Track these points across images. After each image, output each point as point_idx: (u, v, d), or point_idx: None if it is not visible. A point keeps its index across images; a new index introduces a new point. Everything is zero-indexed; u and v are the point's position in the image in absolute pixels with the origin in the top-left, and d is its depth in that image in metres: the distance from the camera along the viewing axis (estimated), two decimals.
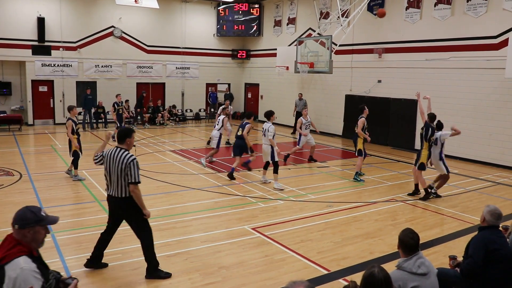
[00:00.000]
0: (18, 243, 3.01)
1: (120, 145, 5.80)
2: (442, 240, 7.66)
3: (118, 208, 5.86)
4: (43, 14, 20.84)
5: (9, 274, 2.85)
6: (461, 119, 15.06)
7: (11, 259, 2.91)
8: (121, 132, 5.88)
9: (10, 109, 21.05)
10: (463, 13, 14.96)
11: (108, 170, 5.78)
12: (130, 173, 5.61)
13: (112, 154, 5.75)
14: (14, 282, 2.83)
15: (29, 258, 3.02)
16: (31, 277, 2.91)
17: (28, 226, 3.05)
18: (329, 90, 20.71)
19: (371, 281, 3.40)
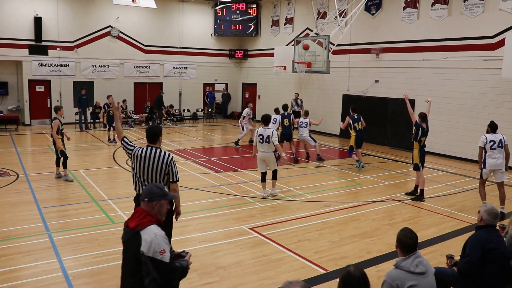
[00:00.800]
0: (147, 214, 3.59)
1: (153, 144, 5.52)
2: (439, 240, 7.68)
3: None
4: (40, 14, 20.79)
5: (145, 238, 3.40)
6: (458, 118, 15.12)
7: (145, 226, 3.48)
8: (153, 130, 5.62)
9: (7, 109, 21.00)
10: (460, 13, 15.00)
11: (142, 169, 5.43)
12: (172, 172, 5.43)
13: (148, 154, 5.43)
14: (149, 244, 3.37)
15: (159, 227, 3.55)
16: (162, 241, 3.45)
17: (155, 199, 3.62)
18: (326, 90, 20.72)
19: (349, 280, 3.40)
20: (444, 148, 15.69)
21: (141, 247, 3.39)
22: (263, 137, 9.67)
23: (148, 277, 3.39)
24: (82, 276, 5.95)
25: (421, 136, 10.02)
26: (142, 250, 3.38)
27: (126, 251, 3.61)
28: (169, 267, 3.47)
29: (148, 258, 3.37)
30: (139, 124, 22.70)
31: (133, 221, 3.57)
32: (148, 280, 3.39)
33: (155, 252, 3.38)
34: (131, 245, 3.48)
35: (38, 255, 6.56)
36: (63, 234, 7.44)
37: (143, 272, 3.40)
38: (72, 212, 8.65)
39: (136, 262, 3.42)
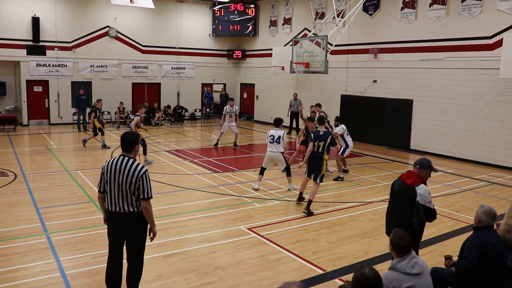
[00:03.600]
0: (418, 176, 5.30)
1: (127, 153, 4.97)
2: (437, 240, 7.70)
3: (124, 225, 4.96)
4: (37, 14, 20.76)
5: (419, 192, 5.17)
6: (456, 119, 15.14)
7: (418, 184, 5.22)
8: (129, 138, 5.02)
9: (5, 109, 20.95)
10: (458, 14, 15.03)
11: (110, 182, 4.90)
12: (143, 188, 4.82)
13: (117, 164, 4.90)
14: (422, 195, 5.16)
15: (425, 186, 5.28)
16: (429, 195, 5.25)
17: (423, 167, 5.36)
18: (324, 90, 20.73)
19: (364, 281, 3.42)
20: (441, 149, 15.71)
21: (417, 197, 5.15)
22: (274, 137, 10.53)
23: (416, 217, 5.19)
24: (80, 277, 5.95)
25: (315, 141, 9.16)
26: (418, 200, 5.16)
27: (399, 197, 5.36)
28: (434, 211, 5.27)
29: (421, 205, 5.16)
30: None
31: (409, 179, 5.28)
32: (415, 219, 5.19)
33: (425, 201, 5.17)
34: (407, 194, 5.24)
35: (36, 256, 6.55)
36: (61, 235, 7.44)
37: (413, 213, 5.18)
38: (70, 212, 8.64)
39: (410, 206, 5.18)
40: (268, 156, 10.69)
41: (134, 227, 4.99)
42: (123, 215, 4.93)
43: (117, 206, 4.92)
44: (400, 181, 5.41)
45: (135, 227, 5.00)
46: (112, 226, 5.08)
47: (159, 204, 9.33)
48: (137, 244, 5.13)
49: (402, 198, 5.29)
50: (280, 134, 10.50)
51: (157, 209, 8.85)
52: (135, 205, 4.91)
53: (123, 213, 4.92)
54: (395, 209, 5.41)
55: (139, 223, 5.00)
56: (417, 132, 16.57)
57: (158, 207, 9.08)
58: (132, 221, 4.95)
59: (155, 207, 8.88)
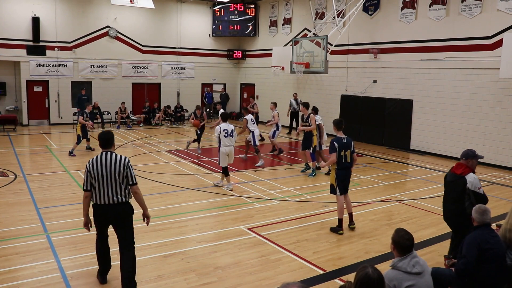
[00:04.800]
0: (466, 167, 5.96)
1: (108, 149, 5.47)
2: (437, 240, 7.69)
3: (114, 216, 5.41)
4: (37, 14, 20.76)
5: (468, 179, 5.85)
6: (456, 119, 15.14)
7: (467, 173, 5.90)
8: (107, 136, 5.53)
9: (5, 109, 20.95)
10: (458, 14, 15.02)
11: (99, 177, 5.29)
12: (130, 175, 5.36)
13: (101, 160, 5.34)
14: (472, 183, 5.80)
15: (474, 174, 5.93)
16: (479, 182, 5.86)
17: (469, 158, 6.00)
18: (324, 90, 20.74)
19: (367, 282, 3.42)
20: (441, 148, 15.71)
21: (467, 184, 5.84)
22: (228, 131, 10.51)
23: (467, 202, 5.82)
24: (80, 277, 5.95)
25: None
26: (468, 186, 5.83)
27: (451, 187, 6.08)
28: (484, 196, 5.87)
29: (471, 191, 5.82)
30: (137, 125, 22.69)
31: (458, 170, 6.01)
32: (467, 203, 5.79)
33: (475, 187, 5.82)
34: (458, 183, 5.93)
35: (36, 256, 6.55)
36: (61, 235, 7.43)
37: (465, 199, 5.84)
38: (70, 212, 8.63)
39: (461, 193, 5.88)
40: (225, 152, 10.54)
41: (126, 216, 5.47)
42: (113, 206, 5.36)
43: (108, 198, 5.34)
44: (451, 173, 6.13)
45: (126, 215, 5.48)
46: (102, 218, 5.49)
47: (159, 204, 9.33)
48: (129, 232, 5.54)
49: (454, 187, 6.01)
50: (232, 128, 10.64)
51: (157, 209, 8.89)
52: (123, 195, 5.38)
53: (114, 204, 5.35)
54: (449, 198, 6.14)
55: (129, 212, 5.50)
56: (417, 132, 16.57)
57: (158, 207, 9.09)
58: (123, 211, 5.43)
59: (155, 207, 8.94)
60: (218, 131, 10.48)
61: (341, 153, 7.75)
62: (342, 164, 7.80)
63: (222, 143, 10.51)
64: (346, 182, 8.01)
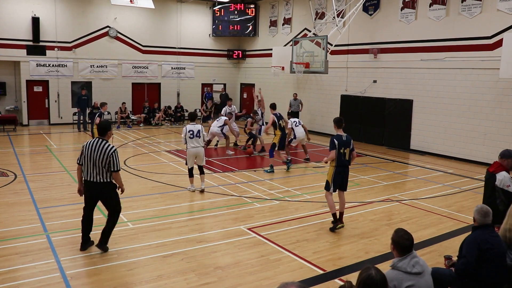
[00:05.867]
0: (500, 165, 6.33)
1: (102, 136, 6.51)
2: (437, 240, 7.69)
3: (97, 192, 6.52)
4: (37, 14, 20.76)
5: (498, 177, 6.22)
6: (456, 119, 15.14)
7: (498, 172, 6.26)
8: (102, 125, 6.63)
9: (5, 109, 20.94)
10: (458, 14, 15.02)
11: (87, 158, 6.38)
12: (113, 163, 6.34)
13: (93, 144, 6.40)
14: (501, 180, 6.19)
15: (507, 173, 6.26)
16: (508, 180, 6.20)
17: (504, 157, 6.38)
18: (324, 90, 20.74)
19: (370, 283, 3.42)
20: (441, 149, 15.71)
21: (496, 182, 6.22)
22: (193, 132, 10.18)
23: (498, 199, 6.19)
24: (80, 277, 5.95)
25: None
26: (496, 184, 6.22)
27: (485, 184, 6.59)
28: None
29: (499, 188, 6.19)
30: (137, 125, 22.70)
31: (491, 168, 6.40)
32: (498, 201, 6.16)
33: (504, 185, 6.17)
34: (489, 181, 6.37)
35: (36, 256, 6.54)
36: (61, 235, 7.43)
37: (496, 196, 6.22)
38: (70, 212, 8.62)
39: (492, 190, 6.27)
40: (191, 153, 10.18)
41: (106, 193, 6.56)
42: (96, 184, 6.43)
43: (91, 176, 6.43)
44: (487, 171, 6.58)
45: (106, 192, 6.55)
46: (87, 192, 6.59)
47: (158, 204, 9.33)
48: (112, 203, 6.66)
49: (487, 184, 6.52)
50: (199, 128, 10.18)
51: (157, 209, 8.89)
52: (105, 176, 6.41)
53: (96, 182, 6.42)
54: (484, 195, 6.66)
55: (109, 189, 6.53)
56: (417, 132, 16.57)
57: (158, 207, 9.09)
58: (103, 188, 6.48)
59: (154, 207, 8.95)
60: (184, 132, 10.17)
61: (340, 150, 7.80)
62: (341, 161, 7.85)
63: (188, 145, 10.18)
64: (344, 180, 8.03)
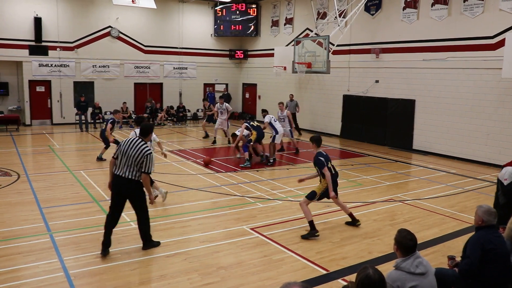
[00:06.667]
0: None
1: (143, 137, 6.67)
2: (440, 240, 7.68)
3: (124, 188, 6.50)
4: (40, 14, 20.79)
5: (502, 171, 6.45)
6: (459, 119, 15.12)
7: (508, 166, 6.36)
8: (146, 127, 6.78)
9: (7, 110, 20.99)
10: (460, 14, 15.00)
11: (123, 152, 6.50)
12: (146, 164, 6.45)
13: (132, 142, 6.56)
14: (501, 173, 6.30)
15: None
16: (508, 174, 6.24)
17: None
18: (326, 90, 20.73)
19: (368, 283, 3.42)
20: (444, 149, 15.69)
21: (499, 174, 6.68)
22: None
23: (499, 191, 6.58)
24: (83, 276, 5.96)
25: None
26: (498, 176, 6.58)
27: None
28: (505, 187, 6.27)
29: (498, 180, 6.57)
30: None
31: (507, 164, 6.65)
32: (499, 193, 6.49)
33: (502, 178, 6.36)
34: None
35: (39, 255, 6.56)
36: (64, 234, 7.45)
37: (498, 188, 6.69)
38: (73, 212, 8.65)
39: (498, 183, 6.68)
40: None
41: (133, 191, 6.57)
42: (124, 179, 6.48)
43: (122, 171, 6.51)
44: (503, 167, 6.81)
45: (134, 190, 6.58)
46: (115, 187, 6.58)
47: (161, 204, 9.34)
48: (139, 203, 6.70)
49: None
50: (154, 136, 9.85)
51: (159, 209, 8.90)
52: (134, 174, 6.48)
53: (124, 177, 6.48)
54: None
55: (135, 186, 6.56)
56: (420, 132, 16.55)
57: (161, 207, 9.10)
58: (129, 184, 6.50)
59: (157, 207, 8.95)
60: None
61: (328, 165, 7.80)
62: (333, 176, 7.84)
63: None
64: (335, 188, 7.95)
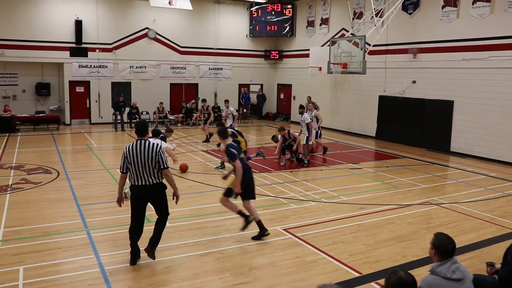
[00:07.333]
0: None
1: (142, 137, 6.20)
2: (478, 246, 7.44)
3: (150, 194, 6.19)
4: (80, 17, 21.39)
5: None
6: (500, 120, 14.63)
7: None
8: (142, 124, 6.32)
9: (49, 109, 21.73)
10: (504, 11, 14.50)
11: (135, 162, 6.04)
12: (162, 160, 6.09)
13: (137, 147, 6.08)
14: None
15: None
16: None
17: None
18: (362, 91, 20.46)
19: (402, 285, 3.36)
20: (483, 151, 15.21)
21: None
22: None
23: None
24: (118, 273, 6.08)
25: None
26: None
27: None
28: None
29: None
30: (175, 124, 23.01)
31: None
32: None
33: None
34: None
35: (77, 251, 6.74)
36: (101, 231, 7.63)
37: None
38: (110, 210, 8.83)
39: None
40: None
41: (158, 193, 6.24)
42: (148, 186, 6.12)
43: (144, 180, 6.10)
44: None
45: (158, 193, 6.24)
46: (140, 197, 6.20)
47: (195, 203, 9.43)
48: (162, 204, 6.37)
49: None
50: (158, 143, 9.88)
51: (193, 208, 8.99)
52: (157, 177, 6.15)
53: (148, 185, 6.11)
54: None
55: (160, 190, 6.25)
56: (458, 134, 16.11)
57: (194, 206, 9.19)
58: (155, 190, 6.18)
59: (191, 206, 9.05)
60: None
61: (240, 156, 7.31)
62: (245, 167, 7.34)
63: None
64: (251, 186, 7.48)
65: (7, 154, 14.34)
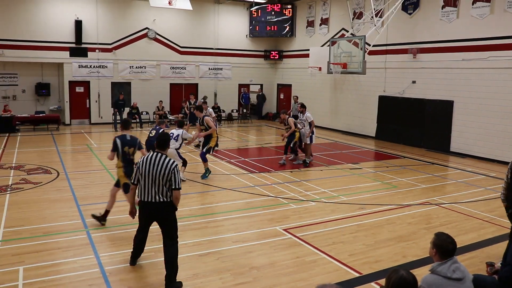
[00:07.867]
0: None
1: (161, 150, 5.76)
2: (478, 246, 7.44)
3: (157, 212, 5.70)
4: (80, 17, 21.39)
5: None
6: (500, 120, 14.64)
7: None
8: (163, 138, 5.89)
9: (49, 109, 21.73)
10: (504, 11, 14.51)
11: (146, 175, 5.60)
12: (174, 179, 5.55)
13: (151, 159, 5.62)
14: None
15: None
16: None
17: None
18: (362, 91, 20.47)
19: (403, 284, 3.36)
20: (483, 151, 15.22)
21: None
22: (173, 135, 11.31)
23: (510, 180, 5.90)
24: (118, 273, 6.08)
25: None
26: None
27: None
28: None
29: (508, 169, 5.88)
30: (175, 125, 22.97)
31: None
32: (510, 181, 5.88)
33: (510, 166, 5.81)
34: None
35: (77, 251, 6.74)
36: (101, 231, 7.63)
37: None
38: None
39: None
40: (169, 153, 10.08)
41: (165, 213, 5.70)
42: (155, 204, 5.63)
43: (150, 196, 5.63)
44: None
45: (168, 213, 5.71)
46: (146, 214, 5.85)
47: (195, 203, 9.44)
48: (170, 226, 5.75)
49: None
50: (179, 133, 11.40)
51: (193, 208, 8.99)
52: (165, 195, 5.60)
53: (155, 202, 5.62)
54: None
55: (168, 210, 5.69)
56: (458, 134, 16.11)
57: (194, 206, 9.19)
58: (163, 209, 5.66)
59: (191, 206, 9.05)
60: None
61: (124, 149, 7.89)
62: (127, 160, 7.92)
63: None
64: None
65: (7, 154, 14.34)
